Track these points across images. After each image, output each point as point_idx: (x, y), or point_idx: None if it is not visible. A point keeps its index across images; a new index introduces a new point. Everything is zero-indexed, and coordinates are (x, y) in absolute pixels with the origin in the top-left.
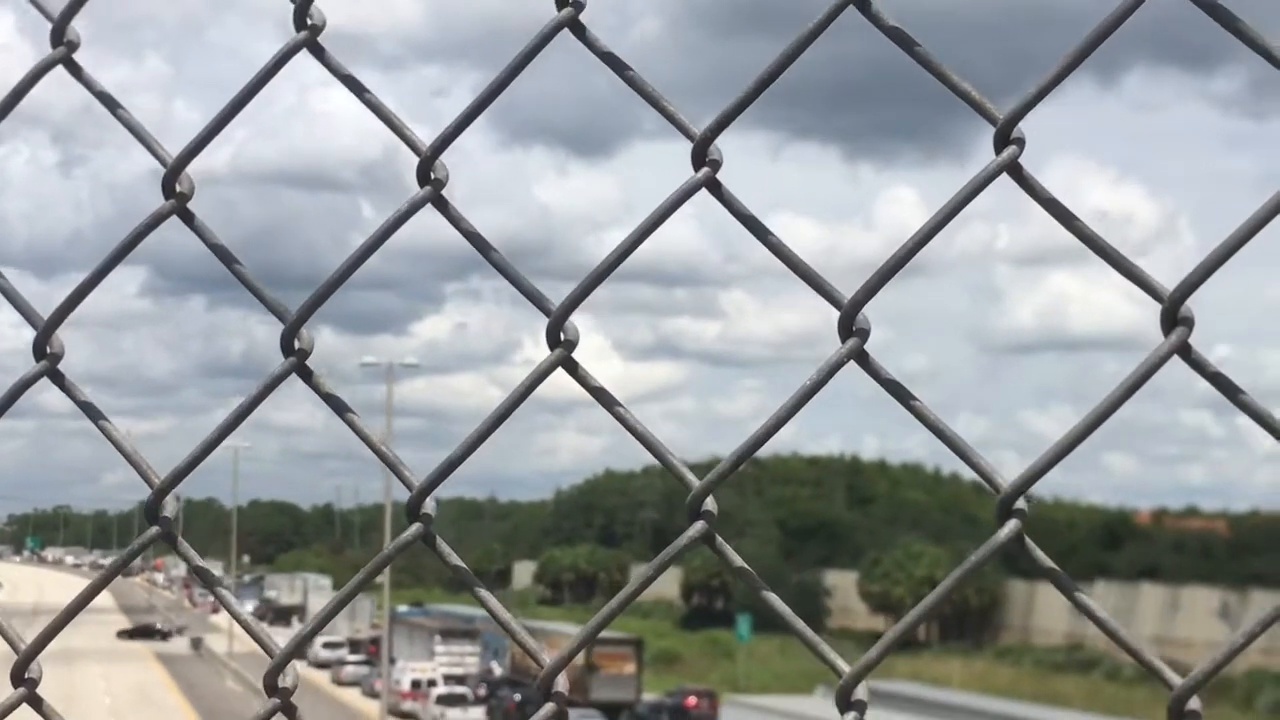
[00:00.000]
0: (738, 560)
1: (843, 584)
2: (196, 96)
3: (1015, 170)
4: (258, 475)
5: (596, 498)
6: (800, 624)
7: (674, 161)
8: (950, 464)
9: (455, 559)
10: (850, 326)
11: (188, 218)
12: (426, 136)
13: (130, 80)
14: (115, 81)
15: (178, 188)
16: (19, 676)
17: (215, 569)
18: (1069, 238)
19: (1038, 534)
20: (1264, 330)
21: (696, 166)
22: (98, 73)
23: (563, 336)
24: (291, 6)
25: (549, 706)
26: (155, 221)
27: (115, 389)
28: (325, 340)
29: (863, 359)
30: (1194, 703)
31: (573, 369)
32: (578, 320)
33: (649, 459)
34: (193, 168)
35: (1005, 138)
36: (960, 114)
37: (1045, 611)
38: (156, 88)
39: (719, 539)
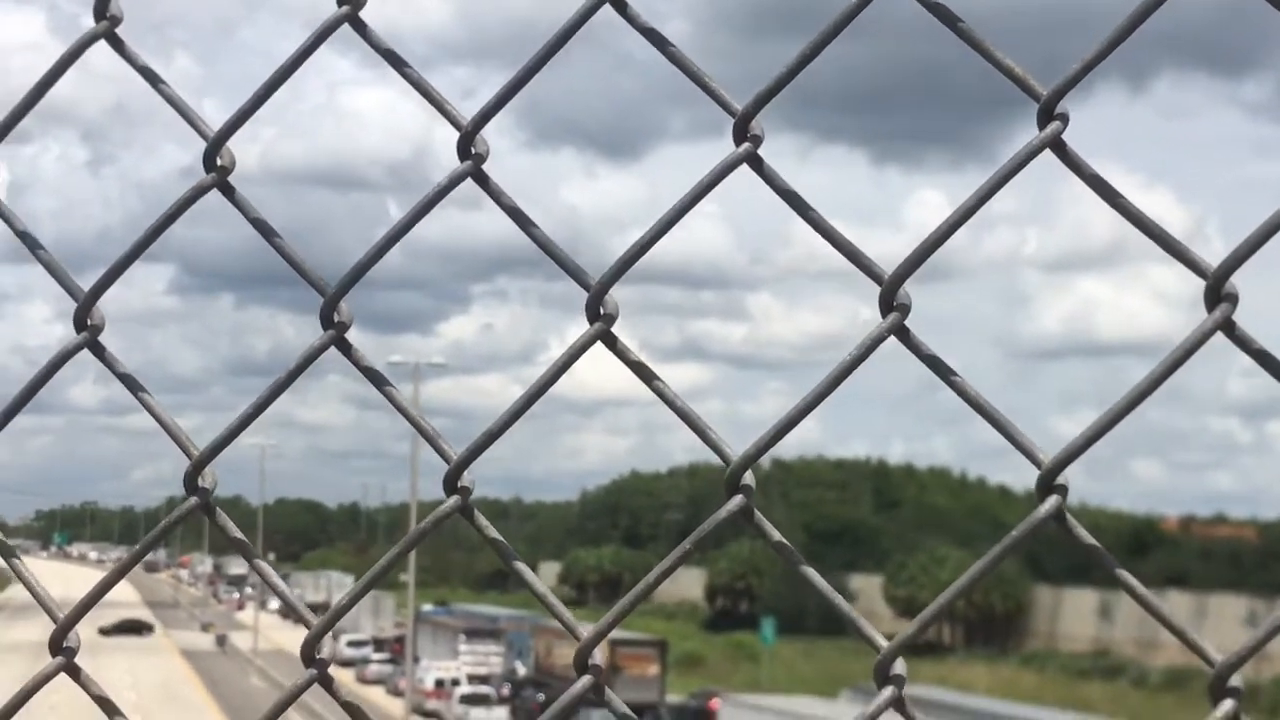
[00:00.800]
0: (776, 535)
1: (868, 588)
2: (225, 96)
3: (1059, 146)
4: (284, 474)
5: (622, 499)
6: (839, 598)
7: (701, 163)
8: (977, 468)
9: (493, 532)
10: (891, 302)
11: (228, 191)
12: (455, 137)
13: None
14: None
15: (219, 161)
16: (57, 645)
17: (241, 568)
18: (1096, 244)
19: (1061, 542)
20: None
21: (738, 142)
22: (129, 71)
23: (603, 310)
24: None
25: (585, 679)
26: (197, 194)
27: (147, 384)
28: (351, 338)
29: (903, 334)
30: (1236, 679)
31: (612, 343)
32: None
33: (675, 460)
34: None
35: (1049, 114)
36: (987, 118)
37: (1071, 617)
38: (186, 86)
39: (757, 513)
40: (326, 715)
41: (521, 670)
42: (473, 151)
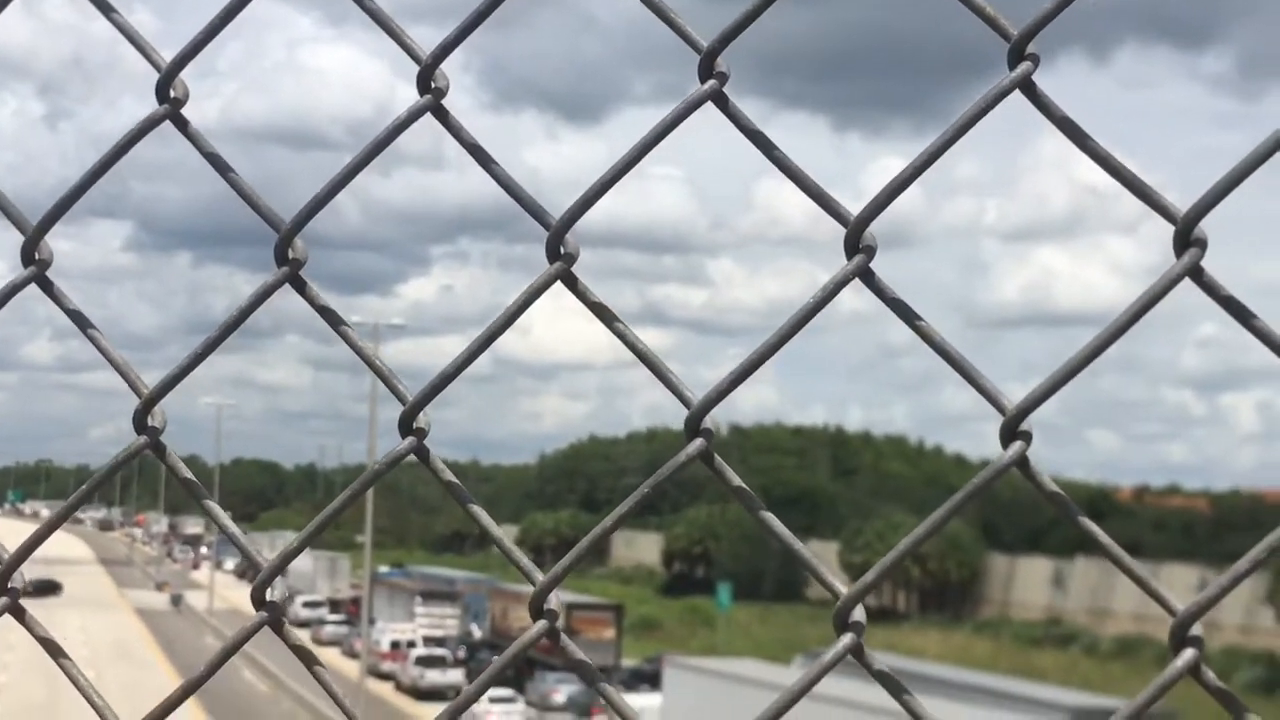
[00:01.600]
0: (736, 480)
1: (824, 554)
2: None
3: (1029, 87)
4: (241, 434)
5: (580, 463)
6: (798, 544)
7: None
8: (934, 437)
9: (449, 475)
10: (857, 244)
11: (181, 123)
12: (414, 97)
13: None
14: (104, 31)
15: (172, 93)
16: (1, 586)
17: (196, 527)
18: (1055, 214)
19: (1017, 510)
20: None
21: (703, 79)
22: (87, 23)
23: (563, 250)
24: None
25: (540, 624)
26: (149, 125)
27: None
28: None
29: (868, 277)
30: (1196, 628)
31: (572, 283)
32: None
33: (634, 425)
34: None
35: (1019, 54)
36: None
37: (1024, 586)
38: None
39: (717, 457)
40: (333, 716)
41: (477, 633)
42: (432, 86)
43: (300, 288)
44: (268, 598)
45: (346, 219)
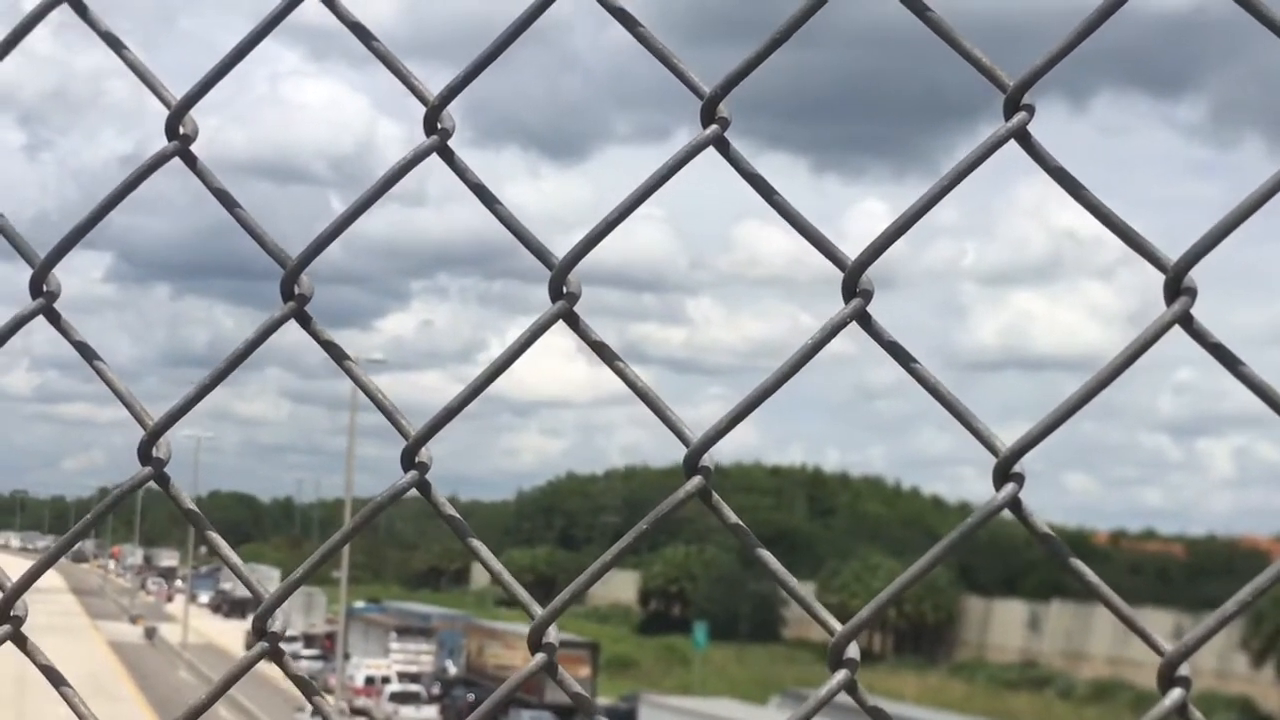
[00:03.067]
0: (733, 517)
1: None
2: (169, 84)
3: (1024, 137)
4: (219, 466)
5: (557, 500)
6: (793, 581)
7: (646, 166)
8: (911, 478)
9: (450, 509)
10: (854, 288)
11: (190, 160)
12: (399, 133)
13: (104, 67)
14: (88, 65)
15: (181, 129)
16: (3, 614)
17: (171, 560)
18: (1034, 258)
19: (994, 553)
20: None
21: (705, 124)
22: (72, 57)
23: (566, 290)
24: None
25: (539, 658)
26: (159, 161)
27: (81, 373)
28: (290, 333)
29: (865, 320)
30: (1184, 668)
31: (574, 322)
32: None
33: (611, 463)
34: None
35: (1015, 104)
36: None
37: (1000, 628)
38: (129, 75)
39: (715, 495)
40: None
41: (452, 669)
42: (439, 127)
43: (305, 323)
44: (269, 628)
45: (327, 252)
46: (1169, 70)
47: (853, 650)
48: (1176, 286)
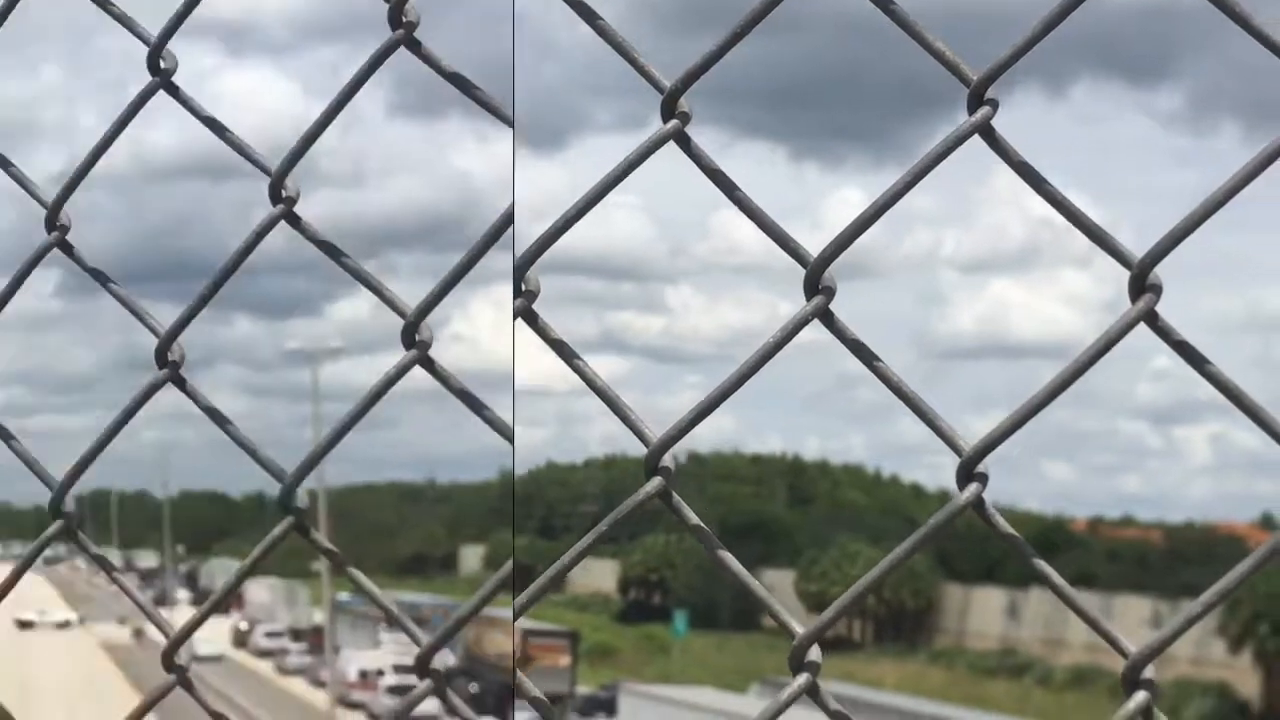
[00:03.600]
0: (694, 519)
1: (780, 583)
2: (96, 102)
3: (988, 132)
4: (187, 467)
5: (537, 489)
6: (755, 583)
7: (625, 155)
8: (891, 466)
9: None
10: (816, 284)
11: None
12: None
13: (34, 93)
14: (19, 96)
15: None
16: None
17: (151, 560)
18: (1012, 246)
19: (972, 540)
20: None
21: (666, 120)
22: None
23: (524, 287)
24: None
25: (425, 684)
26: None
27: (43, 386)
28: (242, 328)
29: (828, 318)
30: (1149, 671)
31: (532, 320)
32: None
33: (591, 452)
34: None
35: (979, 98)
36: (908, 118)
37: (979, 615)
38: (57, 94)
39: (675, 496)
40: None
41: (450, 659)
42: (284, 195)
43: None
44: (176, 661)
45: (268, 242)
46: (1147, 58)
47: (814, 654)
48: (1141, 283)
